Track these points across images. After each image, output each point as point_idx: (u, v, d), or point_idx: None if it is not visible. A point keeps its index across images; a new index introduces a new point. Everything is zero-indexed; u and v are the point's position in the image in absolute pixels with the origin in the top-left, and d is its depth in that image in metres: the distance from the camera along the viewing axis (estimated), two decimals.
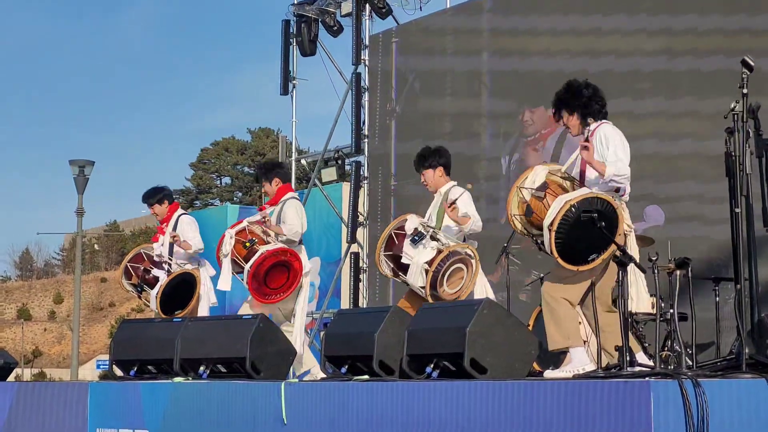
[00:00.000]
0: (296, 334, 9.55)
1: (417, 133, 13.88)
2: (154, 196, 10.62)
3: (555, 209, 6.63)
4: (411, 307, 8.10)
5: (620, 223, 6.72)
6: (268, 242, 9.51)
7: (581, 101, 7.05)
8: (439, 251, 8.18)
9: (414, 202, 12.04)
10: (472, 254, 8.26)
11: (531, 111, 12.76)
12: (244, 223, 9.64)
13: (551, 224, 6.60)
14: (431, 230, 8.28)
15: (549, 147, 12.43)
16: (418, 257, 8.20)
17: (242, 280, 9.49)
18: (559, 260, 6.63)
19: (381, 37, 15.20)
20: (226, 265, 9.52)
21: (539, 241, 6.85)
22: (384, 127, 14.95)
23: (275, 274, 9.44)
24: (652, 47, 11.36)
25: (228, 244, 9.47)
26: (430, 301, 8.12)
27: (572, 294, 6.87)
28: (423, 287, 8.14)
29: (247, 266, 9.35)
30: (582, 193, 6.73)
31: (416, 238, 8.24)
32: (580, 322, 7.21)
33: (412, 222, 8.35)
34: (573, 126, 7.14)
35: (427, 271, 8.12)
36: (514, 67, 13.13)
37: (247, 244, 9.46)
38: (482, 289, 8.38)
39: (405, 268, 8.28)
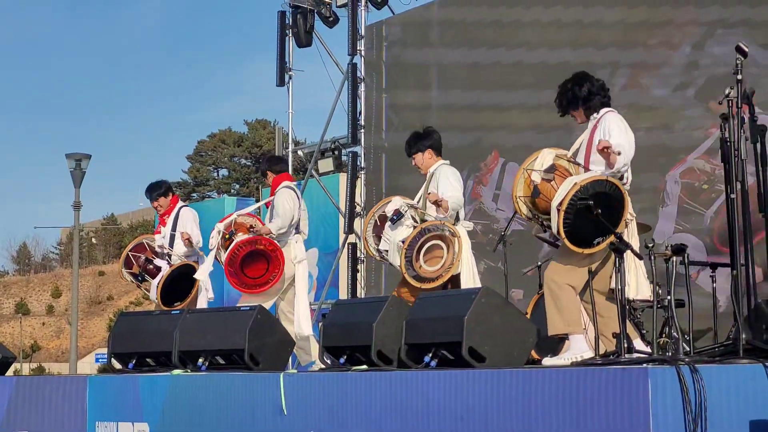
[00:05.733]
0: (300, 320, 9.49)
1: (409, 125, 13.85)
2: (159, 188, 10.62)
3: (564, 190, 6.62)
4: (407, 292, 8.11)
5: (626, 206, 6.73)
6: (253, 233, 9.54)
7: (581, 97, 7.07)
8: (414, 228, 8.20)
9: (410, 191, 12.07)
10: (453, 232, 8.14)
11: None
12: (234, 216, 9.70)
13: (560, 204, 6.58)
14: (417, 210, 8.30)
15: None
16: (394, 237, 8.24)
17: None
18: (566, 241, 6.61)
19: (375, 28, 15.19)
20: (210, 257, 9.67)
21: (546, 224, 6.84)
22: (378, 118, 14.95)
23: (255, 264, 9.43)
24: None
25: (215, 238, 9.57)
26: (411, 281, 8.07)
27: (577, 280, 6.83)
28: (400, 266, 8.16)
29: (222, 256, 9.43)
30: (591, 175, 6.73)
31: (395, 218, 8.28)
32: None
33: (394, 203, 8.40)
34: (577, 115, 7.19)
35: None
36: (498, 59, 13.17)
37: (227, 236, 9.53)
38: (469, 273, 8.20)
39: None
